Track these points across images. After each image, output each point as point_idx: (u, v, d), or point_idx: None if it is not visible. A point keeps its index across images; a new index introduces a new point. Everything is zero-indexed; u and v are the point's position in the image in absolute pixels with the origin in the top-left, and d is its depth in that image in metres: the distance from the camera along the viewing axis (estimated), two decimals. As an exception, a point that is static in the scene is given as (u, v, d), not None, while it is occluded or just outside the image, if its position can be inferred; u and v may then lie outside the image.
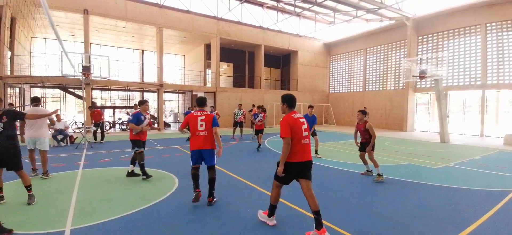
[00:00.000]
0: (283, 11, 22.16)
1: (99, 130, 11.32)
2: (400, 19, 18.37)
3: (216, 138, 4.38)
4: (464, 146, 11.63)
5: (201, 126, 4.30)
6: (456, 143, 12.65)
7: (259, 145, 9.90)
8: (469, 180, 6.08)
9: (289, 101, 3.56)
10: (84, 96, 12.73)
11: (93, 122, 11.39)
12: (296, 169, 3.45)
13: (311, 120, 8.26)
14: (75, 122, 14.66)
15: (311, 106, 8.60)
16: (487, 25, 15.35)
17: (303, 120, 3.52)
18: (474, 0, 15.44)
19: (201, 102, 4.56)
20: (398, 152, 9.85)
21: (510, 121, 16.18)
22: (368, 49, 22.06)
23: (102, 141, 11.19)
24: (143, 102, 5.91)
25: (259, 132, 10.35)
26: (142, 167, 5.68)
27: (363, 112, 6.20)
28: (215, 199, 4.40)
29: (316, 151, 8.60)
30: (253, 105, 8.61)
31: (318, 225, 3.24)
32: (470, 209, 4.29)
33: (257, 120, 10.78)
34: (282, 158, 3.37)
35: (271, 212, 3.61)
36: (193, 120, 4.34)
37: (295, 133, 3.37)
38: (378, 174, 5.79)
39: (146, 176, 5.64)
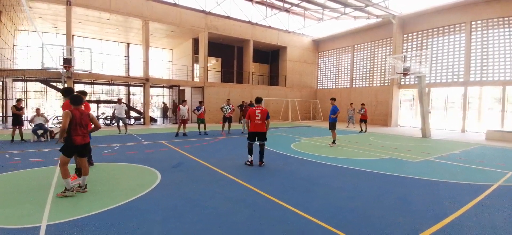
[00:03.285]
0: (272, 6, 22.09)
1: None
2: (387, 17, 18.65)
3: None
4: (444, 141, 12.00)
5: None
6: (437, 138, 13.04)
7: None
8: (448, 173, 6.26)
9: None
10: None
11: None
12: None
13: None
14: (57, 117, 14.18)
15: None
16: (472, 23, 15.70)
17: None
18: (459, -2, 15.79)
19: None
20: (382, 146, 10.07)
21: (493, 117, 16.73)
22: (356, 46, 22.34)
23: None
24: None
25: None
26: None
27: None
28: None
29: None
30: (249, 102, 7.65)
31: None
32: (448, 201, 4.41)
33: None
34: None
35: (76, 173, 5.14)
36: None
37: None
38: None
39: None
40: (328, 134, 12.60)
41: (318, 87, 26.08)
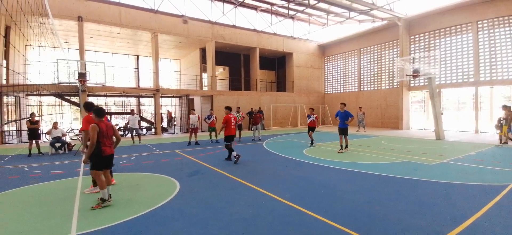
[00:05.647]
0: (277, 13, 22.35)
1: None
2: (392, 20, 18.67)
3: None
4: (459, 142, 11.83)
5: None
6: (451, 139, 12.87)
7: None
8: (465, 175, 6.21)
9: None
10: (81, 103, 12.71)
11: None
12: None
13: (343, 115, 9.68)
14: (72, 129, 14.59)
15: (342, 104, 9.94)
16: (478, 22, 15.63)
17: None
18: (464, -2, 15.76)
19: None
20: (395, 150, 10.00)
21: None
22: (362, 49, 22.34)
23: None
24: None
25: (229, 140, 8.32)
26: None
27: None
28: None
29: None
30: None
31: None
32: (466, 203, 4.39)
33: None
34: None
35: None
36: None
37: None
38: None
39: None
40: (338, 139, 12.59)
41: (326, 92, 26.08)
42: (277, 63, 26.40)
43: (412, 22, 18.65)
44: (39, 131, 10.18)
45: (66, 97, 16.06)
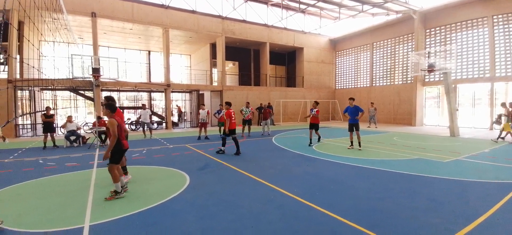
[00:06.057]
0: (287, 8, 22.11)
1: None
2: (407, 12, 18.15)
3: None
4: (474, 139, 11.49)
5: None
6: (465, 136, 12.50)
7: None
8: (479, 172, 6.04)
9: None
10: (95, 97, 13.01)
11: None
12: None
13: (353, 110, 9.27)
14: (86, 123, 14.99)
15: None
16: (494, 17, 15.09)
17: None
18: (481, -9, 15.20)
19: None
20: (408, 146, 9.80)
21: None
22: (375, 43, 21.86)
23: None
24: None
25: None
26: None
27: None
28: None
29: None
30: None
31: None
32: (480, 201, 4.28)
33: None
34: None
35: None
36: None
37: None
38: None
39: None
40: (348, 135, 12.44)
41: (337, 87, 25.73)
42: (287, 58, 26.20)
43: (428, 15, 18.08)
44: (54, 124, 10.38)
45: (81, 92, 16.47)
